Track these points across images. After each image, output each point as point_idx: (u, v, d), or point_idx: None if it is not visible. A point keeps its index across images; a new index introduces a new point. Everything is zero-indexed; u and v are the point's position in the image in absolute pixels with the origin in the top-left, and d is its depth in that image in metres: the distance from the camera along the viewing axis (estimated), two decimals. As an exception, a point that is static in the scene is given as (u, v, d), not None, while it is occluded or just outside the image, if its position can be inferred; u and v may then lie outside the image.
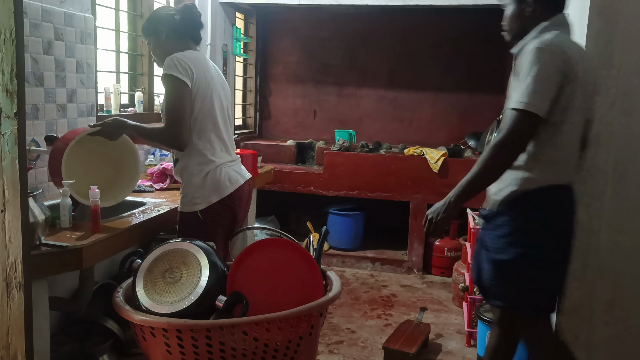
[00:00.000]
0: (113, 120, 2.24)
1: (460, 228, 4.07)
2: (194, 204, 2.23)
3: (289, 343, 1.77)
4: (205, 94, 2.20)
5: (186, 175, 2.25)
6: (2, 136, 1.25)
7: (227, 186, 2.26)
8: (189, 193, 2.24)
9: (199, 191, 2.22)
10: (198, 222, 2.23)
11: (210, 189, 2.23)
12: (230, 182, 2.28)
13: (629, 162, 2.01)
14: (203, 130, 2.22)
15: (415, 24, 4.77)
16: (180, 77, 2.11)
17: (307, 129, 5.17)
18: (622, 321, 2.07)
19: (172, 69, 2.11)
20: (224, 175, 2.26)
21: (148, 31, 2.31)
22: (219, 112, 2.26)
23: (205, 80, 2.20)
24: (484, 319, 2.53)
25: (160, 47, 2.27)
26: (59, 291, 2.39)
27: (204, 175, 2.22)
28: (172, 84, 2.12)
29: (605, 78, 1.98)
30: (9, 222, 1.28)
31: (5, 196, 1.27)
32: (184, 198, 2.26)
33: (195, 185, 2.23)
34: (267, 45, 5.16)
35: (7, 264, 1.29)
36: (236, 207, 2.32)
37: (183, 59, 2.14)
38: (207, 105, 2.21)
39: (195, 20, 2.32)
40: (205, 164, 2.22)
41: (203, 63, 2.24)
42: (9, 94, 1.25)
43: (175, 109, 2.12)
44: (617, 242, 2.04)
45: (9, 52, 1.25)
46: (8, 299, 1.30)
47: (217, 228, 2.28)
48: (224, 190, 2.25)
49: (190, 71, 2.14)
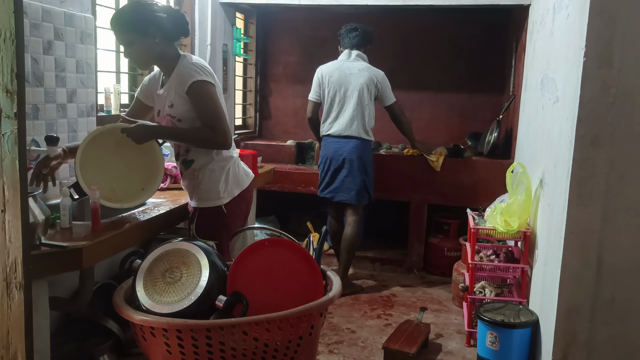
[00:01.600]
0: (143, 124, 2.23)
1: (460, 228, 4.07)
2: (218, 199, 2.31)
3: (289, 343, 1.77)
4: (221, 95, 2.29)
5: (207, 173, 2.30)
6: (2, 136, 1.25)
7: (245, 179, 2.41)
8: (212, 188, 2.30)
9: (223, 185, 2.31)
10: (220, 216, 2.31)
11: (233, 182, 2.34)
12: (246, 174, 2.43)
13: (629, 162, 2.01)
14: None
15: (415, 23, 4.77)
16: (211, 81, 2.20)
17: (307, 129, 5.14)
18: (622, 321, 2.07)
19: (200, 74, 2.18)
20: (242, 169, 2.41)
21: (134, 29, 2.15)
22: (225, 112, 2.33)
23: (217, 84, 2.28)
24: (484, 319, 2.53)
25: (149, 49, 2.20)
26: (59, 291, 2.39)
27: (226, 170, 2.32)
28: (209, 88, 2.19)
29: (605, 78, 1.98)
30: (9, 222, 1.28)
31: (5, 196, 1.27)
32: (205, 194, 2.31)
33: (219, 180, 2.30)
34: (267, 45, 5.16)
35: (7, 264, 1.29)
36: (250, 199, 2.48)
37: (202, 64, 2.22)
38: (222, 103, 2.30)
39: (185, 28, 2.30)
40: (227, 160, 2.33)
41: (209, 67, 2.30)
42: (9, 94, 1.25)
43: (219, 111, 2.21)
44: (617, 242, 2.04)
45: (9, 52, 1.25)
46: (8, 299, 1.30)
47: (237, 221, 2.38)
48: (244, 183, 2.39)
49: (212, 75, 2.23)
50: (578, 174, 2.03)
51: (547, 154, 2.54)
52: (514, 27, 4.34)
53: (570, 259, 2.07)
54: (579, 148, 2.02)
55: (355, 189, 3.69)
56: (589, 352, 2.10)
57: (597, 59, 1.97)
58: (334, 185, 3.74)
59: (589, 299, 2.07)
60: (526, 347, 2.48)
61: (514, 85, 4.13)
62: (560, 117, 2.29)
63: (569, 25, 2.26)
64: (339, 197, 3.74)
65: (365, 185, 3.72)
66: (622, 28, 1.94)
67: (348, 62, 3.75)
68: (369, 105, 3.70)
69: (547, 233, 2.41)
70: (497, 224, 2.81)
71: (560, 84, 2.37)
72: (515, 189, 2.77)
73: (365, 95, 3.67)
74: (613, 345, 2.09)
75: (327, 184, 3.77)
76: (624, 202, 2.02)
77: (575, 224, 2.05)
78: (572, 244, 2.06)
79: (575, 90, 2.04)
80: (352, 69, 3.70)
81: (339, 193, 3.73)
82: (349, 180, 3.69)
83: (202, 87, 2.17)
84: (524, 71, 3.66)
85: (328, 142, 3.76)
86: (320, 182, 3.82)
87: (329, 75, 3.72)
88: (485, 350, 2.54)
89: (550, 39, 2.72)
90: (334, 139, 3.72)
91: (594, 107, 1.99)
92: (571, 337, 2.10)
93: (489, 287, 2.98)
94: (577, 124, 2.01)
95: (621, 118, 1.99)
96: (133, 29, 2.16)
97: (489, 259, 3.03)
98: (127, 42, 2.18)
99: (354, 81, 3.67)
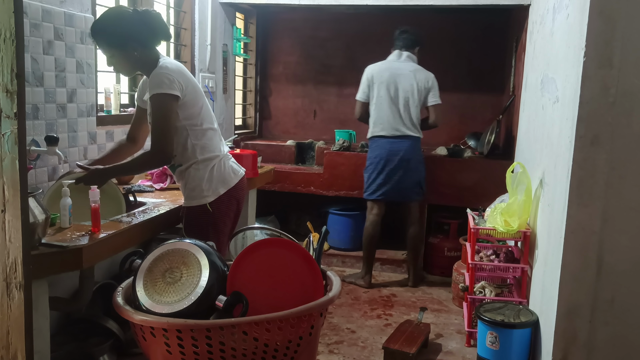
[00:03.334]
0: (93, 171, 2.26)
1: (460, 228, 4.07)
2: (202, 197, 2.31)
3: (289, 343, 1.77)
4: (196, 101, 2.28)
5: (192, 172, 2.31)
6: (2, 136, 1.25)
7: (232, 177, 2.39)
8: (196, 187, 2.31)
9: (207, 184, 2.31)
10: (207, 215, 2.31)
11: (218, 181, 2.33)
12: (234, 173, 2.41)
13: (629, 162, 2.01)
14: (203, 130, 2.31)
15: (415, 23, 4.75)
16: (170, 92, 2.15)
17: (307, 129, 5.18)
18: (622, 321, 2.07)
19: (161, 87, 2.15)
20: (228, 168, 2.39)
21: (113, 45, 2.18)
22: (206, 111, 2.35)
23: (193, 88, 2.27)
24: (484, 319, 2.53)
25: (130, 62, 2.24)
26: (59, 291, 2.39)
27: (210, 168, 2.32)
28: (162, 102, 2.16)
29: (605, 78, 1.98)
30: (9, 222, 1.28)
31: (5, 196, 1.27)
32: (190, 192, 2.32)
33: (203, 178, 2.30)
34: (267, 45, 5.16)
35: (7, 264, 1.29)
36: (240, 197, 2.45)
37: (169, 74, 2.17)
38: (197, 108, 2.29)
39: (164, 32, 2.28)
40: (211, 159, 2.32)
41: (183, 70, 2.28)
42: (9, 94, 1.25)
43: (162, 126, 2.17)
44: (617, 242, 2.04)
45: (9, 52, 1.25)
46: (8, 299, 1.30)
47: (225, 219, 2.37)
48: (230, 182, 2.37)
49: (178, 83, 2.18)
50: (578, 174, 2.03)
51: (547, 154, 2.54)
52: (514, 27, 4.35)
53: (570, 259, 2.07)
54: (579, 148, 2.02)
55: (415, 187, 3.80)
56: (589, 352, 2.10)
57: (597, 59, 1.97)
58: (388, 186, 3.75)
59: (589, 299, 2.07)
60: (526, 347, 2.48)
61: (514, 85, 4.13)
62: (560, 117, 2.29)
63: (569, 25, 2.26)
64: (395, 197, 3.79)
65: (421, 183, 3.82)
66: (622, 28, 1.94)
67: (398, 63, 3.79)
68: (418, 105, 3.77)
69: (547, 233, 2.41)
70: (497, 224, 2.81)
71: (560, 84, 2.37)
72: (515, 189, 2.77)
73: (416, 95, 3.74)
74: (613, 345, 2.09)
75: (380, 185, 3.77)
76: (624, 202, 2.02)
77: (575, 224, 2.05)
78: (572, 244, 2.06)
79: (575, 90, 2.04)
80: (403, 70, 3.75)
81: (397, 193, 3.77)
82: (407, 180, 3.76)
83: (156, 100, 2.16)
84: (524, 71, 3.66)
85: (380, 143, 3.76)
86: (371, 183, 3.81)
87: (379, 75, 3.74)
88: (485, 350, 2.54)
89: (550, 39, 2.72)
90: (387, 140, 3.74)
91: (594, 107, 1.99)
92: (571, 337, 2.10)
93: (489, 287, 2.98)
94: (577, 124, 2.01)
95: (621, 118, 1.99)
96: (111, 44, 2.19)
97: (489, 259, 3.03)
98: (107, 55, 2.23)
99: (405, 82, 3.72)
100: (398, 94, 3.72)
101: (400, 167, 3.72)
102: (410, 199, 3.83)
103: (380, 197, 3.79)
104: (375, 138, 3.80)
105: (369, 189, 3.82)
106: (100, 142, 2.93)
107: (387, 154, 3.72)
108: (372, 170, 3.79)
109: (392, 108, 3.72)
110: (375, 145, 3.80)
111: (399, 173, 3.73)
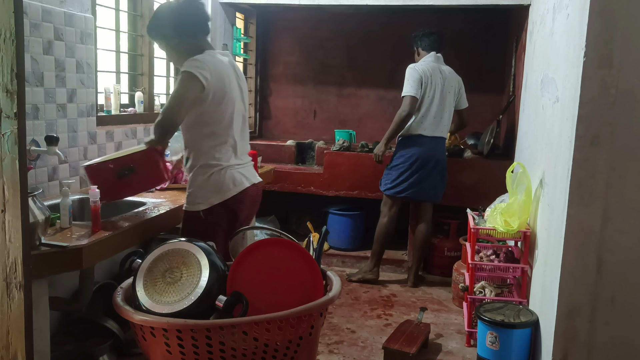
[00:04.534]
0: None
1: (460, 228, 4.06)
2: (196, 204, 2.27)
3: (289, 343, 1.77)
4: (221, 100, 2.23)
5: (193, 175, 2.29)
6: (2, 136, 1.25)
7: (230, 188, 2.29)
8: (192, 192, 2.29)
9: (201, 191, 2.26)
10: (199, 222, 2.27)
11: (212, 190, 2.26)
12: (234, 184, 2.30)
13: (629, 162, 2.01)
14: (215, 134, 2.25)
15: (415, 24, 4.75)
16: (195, 73, 2.13)
17: (307, 129, 5.17)
18: (622, 321, 2.07)
19: (191, 67, 2.15)
20: (228, 178, 2.28)
21: (156, 35, 2.30)
22: (235, 116, 2.30)
23: (222, 86, 2.22)
24: (484, 319, 2.53)
25: (175, 51, 2.29)
26: (59, 291, 2.39)
27: (207, 176, 2.26)
28: (183, 78, 2.15)
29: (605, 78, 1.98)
30: (9, 222, 1.28)
31: (5, 196, 1.27)
32: (188, 197, 2.31)
33: (198, 185, 2.27)
34: (267, 45, 5.16)
35: (7, 264, 1.29)
36: (238, 209, 2.35)
37: (204, 62, 2.17)
38: (220, 110, 2.23)
39: (200, 15, 2.30)
40: (211, 166, 2.26)
41: (221, 67, 2.25)
42: (9, 94, 1.25)
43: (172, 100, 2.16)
44: (617, 242, 2.04)
45: (9, 52, 1.25)
46: (8, 299, 1.30)
47: (216, 229, 2.30)
48: (226, 193, 2.28)
49: (208, 73, 2.16)
50: (578, 174, 2.03)
51: (547, 154, 2.54)
52: (514, 27, 4.34)
53: (570, 259, 2.07)
54: (579, 148, 2.02)
55: (443, 188, 3.86)
56: (589, 352, 2.10)
57: (597, 59, 1.97)
58: (419, 186, 3.74)
59: (589, 299, 2.07)
60: (526, 347, 2.48)
61: (514, 85, 4.13)
62: (560, 117, 2.29)
63: (569, 25, 2.26)
64: (420, 197, 3.80)
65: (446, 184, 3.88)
66: (622, 28, 1.94)
67: (439, 64, 3.80)
68: (453, 107, 3.83)
69: (547, 233, 2.41)
70: (497, 224, 2.81)
71: (560, 84, 2.37)
72: (515, 189, 2.77)
73: (454, 98, 3.80)
74: (613, 345, 2.09)
75: (412, 184, 3.74)
76: (624, 202, 2.02)
77: (575, 224, 2.05)
78: (572, 244, 2.06)
79: (575, 90, 2.04)
80: (444, 72, 3.77)
81: (425, 193, 3.78)
82: (439, 180, 3.81)
83: (181, 77, 2.16)
84: (524, 71, 3.66)
85: (420, 142, 3.73)
86: (401, 181, 3.76)
87: (430, 75, 3.70)
88: (485, 350, 2.54)
89: (550, 39, 2.72)
90: (428, 139, 3.73)
91: (594, 107, 1.99)
92: (571, 337, 2.10)
93: (489, 287, 2.98)
94: (577, 124, 2.00)
95: (621, 118, 1.98)
96: (155, 35, 2.30)
97: (489, 259, 3.03)
98: (160, 48, 2.36)
99: (447, 84, 3.74)
100: (445, 95, 3.74)
101: (435, 167, 3.74)
102: (436, 199, 3.86)
103: (408, 195, 3.77)
104: (413, 136, 3.74)
105: (398, 186, 3.76)
106: (100, 142, 2.93)
107: (426, 154, 3.71)
108: (405, 169, 3.75)
109: (439, 108, 3.73)
110: (412, 144, 3.74)
111: (433, 173, 3.75)
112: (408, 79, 3.68)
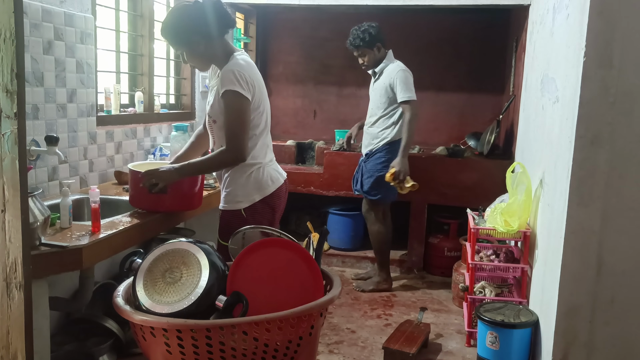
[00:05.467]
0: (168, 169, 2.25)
1: (460, 228, 4.07)
2: (236, 202, 2.29)
3: (289, 343, 1.77)
4: (259, 104, 2.25)
5: (232, 174, 2.29)
6: (2, 136, 1.25)
7: (269, 185, 2.33)
8: (232, 191, 2.29)
9: (243, 190, 2.28)
10: (240, 220, 2.27)
11: (253, 188, 2.29)
12: (272, 181, 2.35)
13: (629, 162, 2.01)
14: (254, 136, 2.27)
15: (415, 24, 4.77)
16: (243, 93, 2.13)
17: (307, 129, 5.17)
18: (622, 321, 2.07)
19: (235, 84, 2.12)
20: (267, 175, 2.33)
21: (180, 42, 2.20)
22: (265, 115, 2.31)
23: (259, 91, 2.24)
24: (484, 319, 2.53)
25: (199, 56, 2.24)
26: (59, 291, 2.39)
27: (247, 174, 2.28)
28: (236, 101, 2.13)
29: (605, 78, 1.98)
30: (9, 222, 1.28)
31: (5, 196, 1.27)
32: (227, 196, 2.31)
33: (239, 184, 2.28)
34: (267, 45, 5.16)
35: (7, 264, 1.29)
36: (276, 205, 2.41)
37: (243, 72, 2.15)
38: (258, 113, 2.26)
39: (227, 20, 2.25)
40: (250, 165, 2.27)
41: (254, 70, 2.26)
42: (9, 94, 1.26)
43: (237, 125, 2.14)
44: (617, 242, 2.04)
45: (9, 52, 1.25)
46: (8, 299, 1.30)
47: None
48: (266, 189, 2.32)
49: (251, 85, 2.16)
50: (578, 174, 2.03)
51: (547, 154, 2.54)
52: (514, 27, 4.34)
53: (570, 259, 2.07)
54: (579, 148, 2.02)
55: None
56: (589, 352, 2.10)
57: (597, 59, 1.97)
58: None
59: (589, 299, 2.07)
60: (526, 347, 2.48)
61: (514, 85, 4.13)
62: (560, 117, 2.29)
63: (569, 25, 2.26)
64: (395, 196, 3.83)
65: None
66: (622, 28, 1.94)
67: None
68: None
69: (547, 233, 2.41)
70: (497, 224, 2.81)
71: (560, 84, 2.37)
72: (515, 189, 2.77)
73: None
74: (613, 345, 2.09)
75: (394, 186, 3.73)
76: (624, 202, 2.02)
77: (575, 224, 2.05)
78: (572, 244, 2.06)
79: (575, 90, 2.04)
80: None
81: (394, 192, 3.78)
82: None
83: (230, 98, 2.13)
84: (524, 71, 3.65)
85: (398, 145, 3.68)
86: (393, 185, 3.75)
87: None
88: (485, 350, 2.54)
89: (550, 39, 2.72)
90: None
91: (594, 107, 1.99)
92: (571, 337, 2.10)
93: (489, 287, 2.98)
94: (577, 124, 2.00)
95: (621, 118, 1.98)
96: (177, 41, 2.21)
97: (489, 259, 3.03)
98: (178, 52, 2.27)
99: None
100: None
101: None
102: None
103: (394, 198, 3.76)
104: (397, 141, 3.64)
105: (392, 191, 3.69)
106: (100, 142, 2.93)
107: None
108: None
109: None
110: (396, 148, 3.63)
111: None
112: (406, 82, 3.59)
